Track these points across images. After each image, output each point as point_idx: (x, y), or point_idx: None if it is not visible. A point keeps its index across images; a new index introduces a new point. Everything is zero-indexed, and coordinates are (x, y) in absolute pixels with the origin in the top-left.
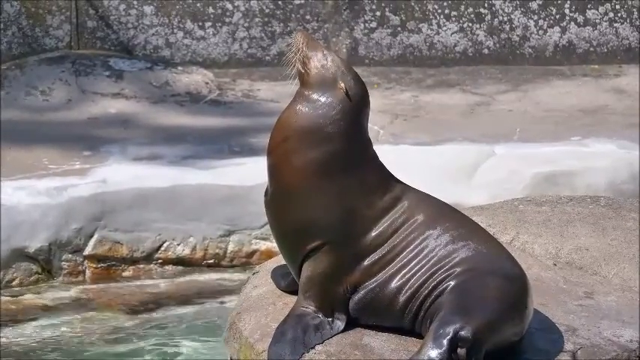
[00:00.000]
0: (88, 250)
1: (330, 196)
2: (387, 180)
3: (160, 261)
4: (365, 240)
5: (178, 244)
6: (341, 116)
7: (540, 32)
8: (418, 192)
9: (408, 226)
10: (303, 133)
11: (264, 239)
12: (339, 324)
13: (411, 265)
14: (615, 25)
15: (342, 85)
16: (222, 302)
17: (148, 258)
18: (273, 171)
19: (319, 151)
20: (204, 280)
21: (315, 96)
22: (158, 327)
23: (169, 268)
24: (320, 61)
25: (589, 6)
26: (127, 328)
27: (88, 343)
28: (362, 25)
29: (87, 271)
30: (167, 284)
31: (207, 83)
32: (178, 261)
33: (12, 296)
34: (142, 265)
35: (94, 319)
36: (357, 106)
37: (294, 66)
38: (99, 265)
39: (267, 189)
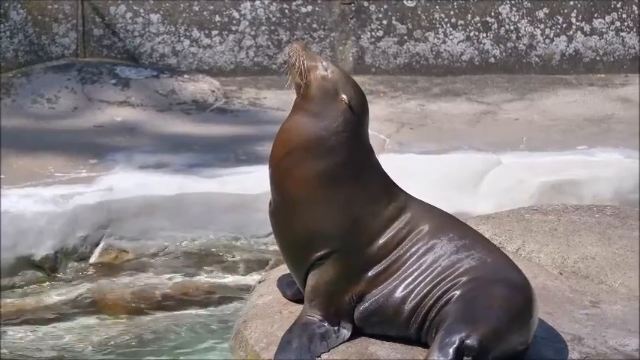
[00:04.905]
0: (93, 258)
1: (335, 206)
2: (390, 189)
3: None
4: (370, 250)
5: None
6: (343, 127)
7: (547, 41)
8: (421, 202)
9: (413, 237)
10: (307, 146)
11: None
12: (345, 333)
13: (416, 274)
14: (622, 34)
15: (344, 96)
16: (227, 310)
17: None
18: (276, 184)
19: (323, 163)
20: (209, 287)
21: (316, 108)
22: (161, 332)
23: (174, 275)
24: (320, 73)
25: (595, 15)
26: (131, 333)
27: (91, 347)
28: (368, 33)
29: (92, 277)
30: (172, 291)
31: (213, 91)
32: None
33: (16, 301)
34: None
35: (98, 323)
36: (358, 116)
37: (293, 78)
38: (104, 273)
39: (271, 200)
